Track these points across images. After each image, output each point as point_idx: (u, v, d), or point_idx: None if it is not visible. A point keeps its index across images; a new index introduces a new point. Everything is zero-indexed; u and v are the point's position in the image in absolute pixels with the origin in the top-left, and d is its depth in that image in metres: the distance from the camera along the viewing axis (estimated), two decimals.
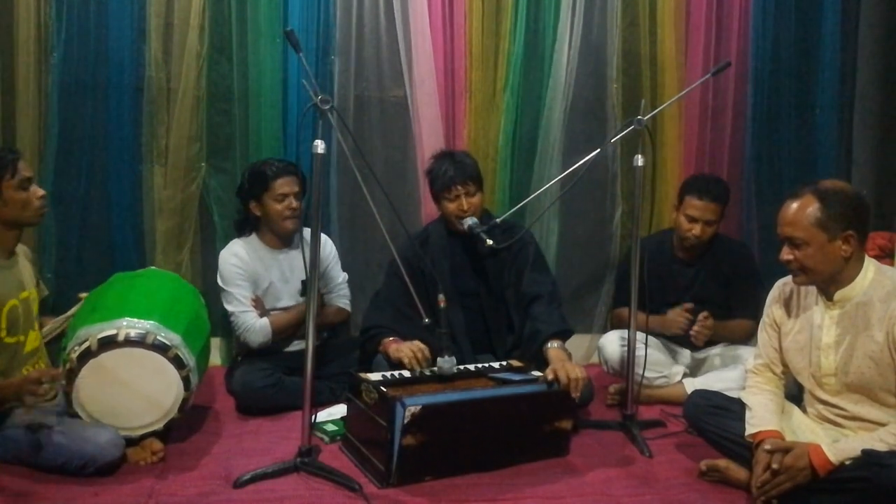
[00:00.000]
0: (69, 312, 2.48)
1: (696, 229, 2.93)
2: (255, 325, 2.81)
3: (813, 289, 2.12)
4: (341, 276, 3.12)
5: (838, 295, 2.03)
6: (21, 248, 2.37)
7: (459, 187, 2.68)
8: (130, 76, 3.18)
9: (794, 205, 1.99)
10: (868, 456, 1.83)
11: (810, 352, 2.10)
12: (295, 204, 2.84)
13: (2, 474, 2.13)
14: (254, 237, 2.96)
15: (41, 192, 2.29)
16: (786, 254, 2.02)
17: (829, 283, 2.04)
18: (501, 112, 3.46)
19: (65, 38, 3.11)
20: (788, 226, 1.99)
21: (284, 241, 2.96)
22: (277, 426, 2.62)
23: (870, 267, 2.02)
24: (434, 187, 2.76)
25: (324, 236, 3.06)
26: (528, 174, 3.51)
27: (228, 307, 2.85)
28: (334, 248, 3.13)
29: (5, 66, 3.08)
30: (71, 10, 3.11)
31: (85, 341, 2.16)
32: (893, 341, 1.93)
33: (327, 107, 2.06)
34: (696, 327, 2.86)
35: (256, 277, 2.90)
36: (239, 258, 2.88)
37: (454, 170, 2.68)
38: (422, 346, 2.46)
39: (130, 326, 2.19)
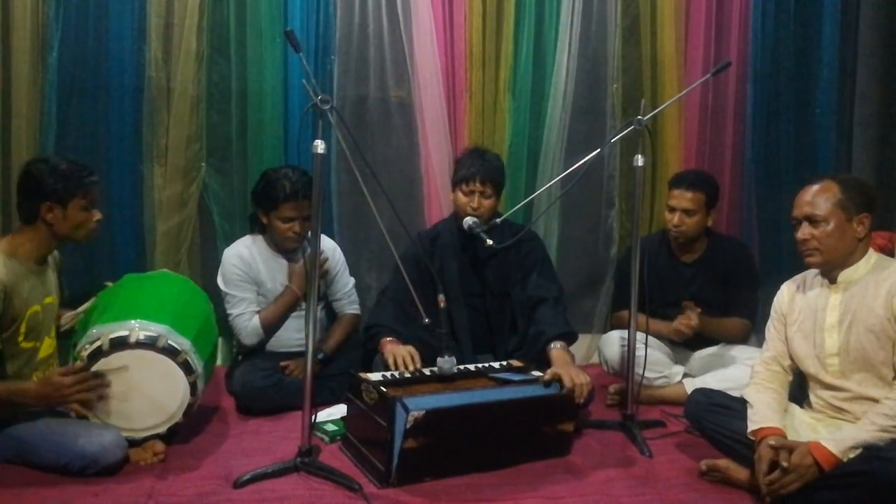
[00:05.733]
0: (82, 308, 2.47)
1: (675, 218, 2.96)
2: (246, 328, 2.84)
3: (817, 280, 2.18)
4: (350, 283, 3.12)
5: (842, 276, 2.11)
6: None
7: (478, 184, 2.70)
8: (130, 76, 3.18)
9: (815, 187, 2.09)
10: (869, 450, 1.85)
11: (814, 334, 2.14)
12: (298, 228, 2.82)
13: (2, 474, 2.13)
14: (261, 238, 2.96)
15: (99, 215, 2.32)
16: (804, 233, 2.08)
17: (837, 267, 2.11)
18: (503, 113, 3.46)
19: (63, 39, 3.11)
20: (809, 205, 2.08)
21: None
22: (277, 426, 2.62)
23: (872, 254, 2.12)
24: (455, 175, 2.79)
25: (332, 244, 3.06)
26: (529, 174, 3.51)
27: (227, 307, 2.88)
28: (342, 255, 3.11)
29: (3, 66, 3.07)
30: (70, 10, 3.11)
31: (96, 340, 2.16)
32: (894, 314, 1.98)
33: (327, 107, 2.05)
34: (676, 323, 2.85)
35: (258, 279, 2.91)
36: (241, 260, 2.89)
37: (479, 166, 2.71)
38: (413, 352, 2.47)
39: (142, 328, 2.19)
